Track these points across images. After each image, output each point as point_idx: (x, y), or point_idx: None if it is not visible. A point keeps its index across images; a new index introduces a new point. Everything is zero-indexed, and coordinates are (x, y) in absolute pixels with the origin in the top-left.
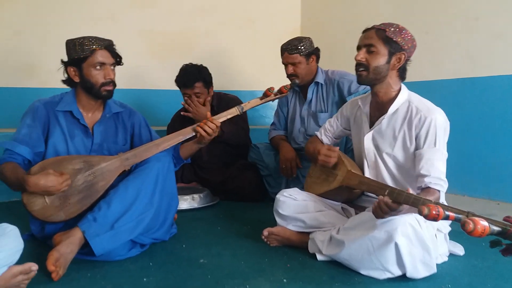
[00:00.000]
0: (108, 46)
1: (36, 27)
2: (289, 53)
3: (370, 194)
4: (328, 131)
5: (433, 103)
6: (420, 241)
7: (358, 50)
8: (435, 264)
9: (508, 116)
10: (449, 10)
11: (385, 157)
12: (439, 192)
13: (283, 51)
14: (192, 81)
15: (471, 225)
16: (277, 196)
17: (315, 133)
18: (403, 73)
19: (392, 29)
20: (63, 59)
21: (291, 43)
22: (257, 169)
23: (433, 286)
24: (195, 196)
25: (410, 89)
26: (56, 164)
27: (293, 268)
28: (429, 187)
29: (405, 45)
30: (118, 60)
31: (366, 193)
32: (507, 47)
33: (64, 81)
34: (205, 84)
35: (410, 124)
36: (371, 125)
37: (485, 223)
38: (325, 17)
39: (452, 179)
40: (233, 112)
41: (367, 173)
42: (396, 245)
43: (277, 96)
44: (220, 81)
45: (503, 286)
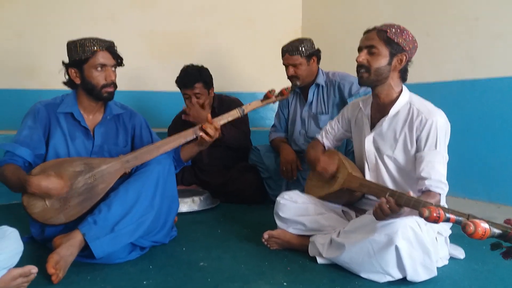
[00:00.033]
0: (109, 47)
1: (37, 28)
2: (290, 55)
3: (370, 196)
4: (329, 134)
5: (434, 105)
6: (421, 244)
7: (359, 51)
8: (436, 267)
9: (509, 118)
10: (449, 11)
11: (386, 159)
12: (440, 195)
13: (284, 52)
14: (192, 81)
15: (472, 227)
16: (278, 199)
17: (316, 136)
18: (404, 74)
19: (394, 30)
20: (64, 61)
21: (292, 44)
22: (258, 171)
23: None
24: (195, 198)
25: (410, 90)
26: (56, 166)
27: (293, 271)
28: (429, 190)
29: (406, 46)
30: (119, 61)
31: (367, 196)
32: (507, 49)
33: (65, 83)
34: (205, 85)
35: (411, 126)
36: (372, 127)
37: (485, 225)
38: (326, 18)
39: (452, 181)
40: (234, 114)
41: (368, 175)
42: (396, 248)
43: (278, 98)
44: (221, 82)
45: None
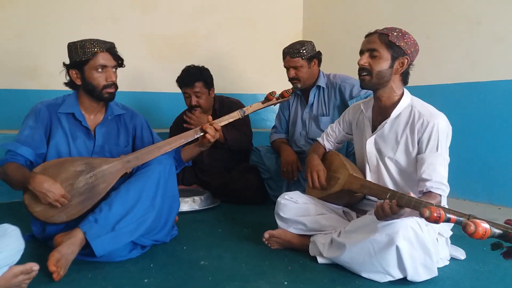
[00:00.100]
0: (110, 48)
1: (37, 29)
2: (291, 57)
3: (371, 198)
4: (330, 136)
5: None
6: (421, 245)
7: (361, 54)
8: (436, 267)
9: (509, 120)
10: (450, 14)
11: (387, 161)
12: (441, 196)
13: (285, 54)
14: (193, 80)
15: (472, 227)
16: (278, 199)
17: (317, 139)
18: (406, 77)
19: (395, 33)
20: (65, 62)
21: (293, 46)
22: (258, 172)
23: None
24: (196, 198)
25: (411, 93)
26: (58, 166)
27: (294, 271)
28: (430, 191)
29: (408, 49)
30: (119, 62)
31: (368, 197)
32: (508, 52)
33: (66, 84)
34: (205, 85)
35: (413, 129)
36: (374, 129)
37: (486, 225)
38: (327, 20)
39: (453, 183)
40: (235, 116)
41: (369, 177)
42: (397, 248)
43: (279, 100)
44: (222, 84)
45: None
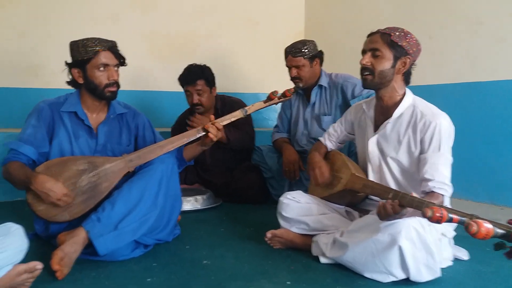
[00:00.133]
0: (112, 47)
1: (40, 28)
2: (293, 56)
3: (374, 197)
4: (332, 136)
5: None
6: (424, 245)
7: (363, 54)
8: (439, 268)
9: (511, 120)
10: (452, 15)
11: (389, 161)
12: (443, 196)
13: (287, 54)
14: (195, 78)
15: (475, 227)
16: (281, 198)
17: (319, 139)
18: (408, 77)
19: (397, 33)
20: (67, 61)
21: (295, 46)
22: (260, 171)
23: None
24: (198, 197)
25: (413, 93)
26: (60, 165)
27: (296, 271)
28: (433, 191)
29: (410, 49)
30: (121, 61)
31: (370, 196)
32: (509, 52)
33: (68, 83)
34: (207, 83)
35: (415, 129)
36: (376, 129)
37: (489, 225)
38: (329, 19)
39: (455, 184)
40: (237, 115)
41: (371, 177)
42: (399, 248)
43: (280, 100)
44: (224, 83)
45: None
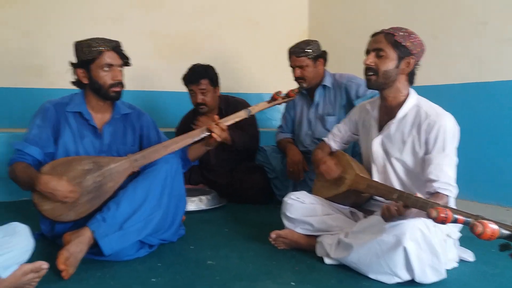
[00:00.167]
0: (116, 47)
1: (44, 28)
2: (297, 56)
3: (378, 198)
4: (336, 136)
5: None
6: (429, 246)
7: (367, 54)
8: (444, 269)
9: None
10: (457, 15)
11: (393, 161)
12: (448, 197)
13: (290, 54)
14: (199, 77)
15: (480, 228)
16: (285, 199)
17: (323, 139)
18: (412, 77)
19: (401, 33)
20: (71, 61)
21: (298, 46)
22: (264, 171)
23: None
24: (203, 198)
25: (418, 93)
26: (66, 165)
27: (301, 271)
28: (438, 192)
29: (414, 49)
30: (125, 61)
31: (375, 197)
32: None
33: (73, 83)
34: (211, 82)
35: (419, 129)
36: (380, 129)
37: (494, 226)
38: (333, 19)
39: (461, 184)
40: (241, 115)
41: (376, 177)
42: (404, 249)
43: (284, 100)
44: (227, 83)
45: None
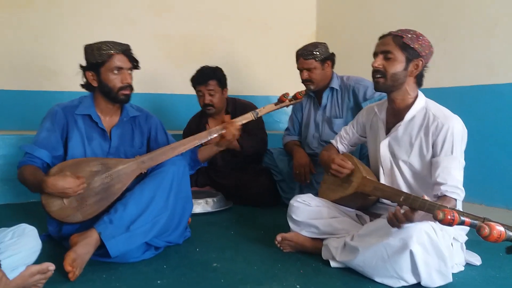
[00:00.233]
0: (125, 50)
1: (55, 32)
2: (304, 59)
3: (385, 201)
4: (343, 139)
5: (450, 111)
6: (436, 250)
7: (375, 56)
8: (451, 273)
9: None
10: (467, 16)
11: (401, 164)
12: (456, 200)
13: (298, 56)
14: (207, 78)
15: (487, 230)
16: (291, 201)
17: (330, 141)
18: (420, 79)
19: (409, 35)
20: (81, 64)
21: (306, 48)
22: (271, 174)
23: None
24: (209, 200)
25: (426, 95)
26: (74, 166)
27: (306, 274)
28: (445, 195)
29: (422, 51)
30: (135, 64)
31: (381, 200)
32: None
33: (82, 86)
34: (219, 83)
35: (427, 131)
36: (387, 132)
37: (501, 228)
38: (341, 22)
39: (469, 188)
40: (248, 117)
41: (383, 180)
42: (411, 253)
43: (291, 102)
44: (235, 86)
45: None
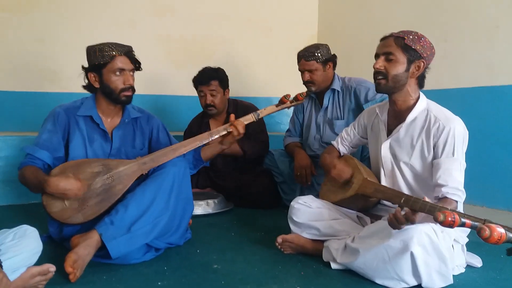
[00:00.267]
0: (128, 52)
1: (56, 33)
2: (306, 60)
3: (386, 203)
4: (345, 140)
5: (451, 112)
6: (436, 251)
7: (376, 58)
8: (452, 275)
9: None
10: (468, 18)
11: (402, 166)
12: (457, 202)
13: (299, 58)
14: (209, 78)
15: (487, 232)
16: (292, 203)
17: (331, 142)
18: (422, 81)
19: (411, 36)
20: (83, 65)
21: (308, 50)
22: (272, 175)
23: None
24: (210, 201)
25: (428, 97)
26: (75, 167)
27: (307, 276)
28: (446, 197)
29: (424, 52)
30: (137, 66)
31: (382, 201)
32: None
33: (84, 87)
34: (220, 84)
35: (428, 133)
36: (389, 133)
37: (501, 230)
38: (342, 23)
39: (470, 189)
40: (249, 118)
41: (384, 182)
42: (411, 254)
43: (293, 104)
44: (237, 87)
45: None
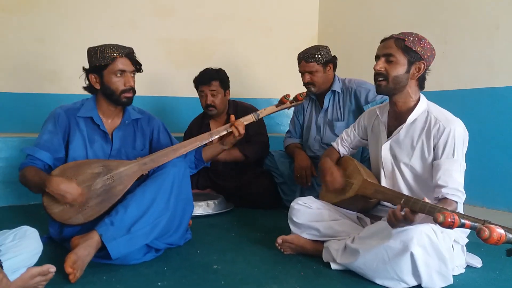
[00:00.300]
0: (128, 53)
1: (58, 35)
2: (306, 62)
3: (386, 203)
4: (345, 141)
5: (452, 113)
6: (436, 251)
7: (377, 59)
8: (452, 275)
9: None
10: (469, 19)
11: (402, 167)
12: (457, 203)
13: (300, 59)
14: (210, 78)
15: (487, 232)
16: (292, 204)
17: (331, 144)
18: (422, 82)
19: (411, 38)
20: (84, 66)
21: (308, 51)
22: (272, 176)
23: None
24: (210, 202)
25: (428, 98)
26: (76, 168)
27: (307, 276)
28: (446, 198)
29: (424, 54)
30: (138, 67)
31: (382, 202)
32: None
33: (85, 88)
34: (221, 84)
35: (429, 134)
36: (389, 134)
37: (501, 230)
38: (343, 25)
39: (470, 190)
40: (249, 119)
41: (384, 183)
42: (411, 255)
43: (293, 104)
44: (237, 88)
45: None
